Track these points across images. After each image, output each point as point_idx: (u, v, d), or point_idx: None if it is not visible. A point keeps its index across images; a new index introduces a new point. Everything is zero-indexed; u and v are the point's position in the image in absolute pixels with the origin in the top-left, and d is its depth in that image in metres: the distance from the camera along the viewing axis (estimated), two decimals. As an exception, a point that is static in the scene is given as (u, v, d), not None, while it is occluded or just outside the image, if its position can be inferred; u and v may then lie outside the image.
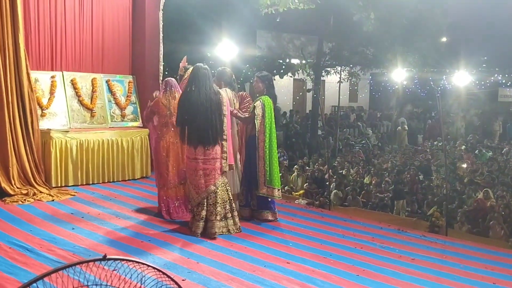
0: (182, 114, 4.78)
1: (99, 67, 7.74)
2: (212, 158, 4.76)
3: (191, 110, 4.72)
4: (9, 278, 3.37)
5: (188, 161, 4.86)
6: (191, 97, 4.74)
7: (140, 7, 8.10)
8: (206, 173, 4.75)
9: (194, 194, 4.79)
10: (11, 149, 5.95)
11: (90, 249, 4.15)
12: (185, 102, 4.78)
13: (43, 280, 1.63)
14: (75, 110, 7.20)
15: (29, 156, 6.14)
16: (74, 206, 5.65)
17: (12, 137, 6.00)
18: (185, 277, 3.58)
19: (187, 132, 4.78)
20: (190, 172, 4.84)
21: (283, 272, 3.86)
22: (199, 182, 4.75)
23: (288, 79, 20.30)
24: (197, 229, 4.72)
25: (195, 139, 4.74)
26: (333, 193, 9.83)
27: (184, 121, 4.78)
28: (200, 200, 4.77)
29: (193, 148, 4.75)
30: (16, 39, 6.05)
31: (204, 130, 4.71)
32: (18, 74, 6.09)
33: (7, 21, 5.95)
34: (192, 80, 4.83)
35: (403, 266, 4.25)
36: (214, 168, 4.78)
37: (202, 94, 4.75)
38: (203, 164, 4.74)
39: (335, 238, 5.03)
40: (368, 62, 16.93)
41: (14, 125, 6.01)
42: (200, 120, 4.70)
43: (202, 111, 4.71)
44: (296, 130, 18.94)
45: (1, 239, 4.25)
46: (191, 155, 4.78)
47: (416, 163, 12.53)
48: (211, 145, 4.75)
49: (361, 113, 23.09)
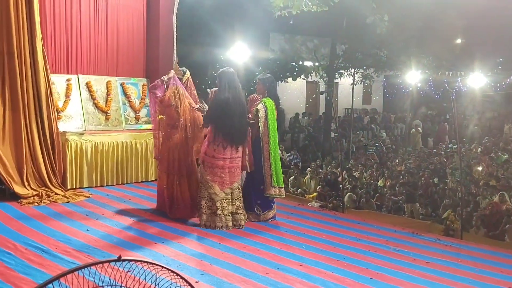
0: (216, 114, 5.00)
1: (114, 70, 7.81)
2: (237, 157, 5.13)
3: (228, 110, 4.96)
4: (25, 278, 3.42)
5: (213, 160, 5.03)
6: (227, 98, 4.97)
7: (154, 10, 8.16)
8: (231, 171, 5.09)
9: (217, 189, 5.02)
10: (26, 151, 6.02)
11: (104, 250, 4.18)
12: (221, 101, 4.97)
13: (58, 280, 1.65)
14: (90, 113, 7.28)
15: (45, 158, 6.21)
16: (89, 208, 5.71)
17: (28, 140, 6.07)
18: (198, 279, 3.59)
19: (221, 132, 4.99)
20: (214, 169, 5.02)
21: (296, 275, 3.85)
22: (224, 179, 5.04)
23: (301, 82, 20.26)
24: (228, 223, 5.03)
25: (230, 139, 5.01)
26: (347, 195, 9.79)
27: (217, 121, 4.98)
28: (223, 196, 5.03)
29: (222, 147, 5.01)
30: (33, 43, 6.13)
31: (238, 131, 5.04)
32: (35, 77, 6.17)
33: (24, 25, 6.03)
34: (224, 83, 5.04)
35: (418, 269, 4.22)
36: (238, 166, 5.15)
37: (236, 96, 5.03)
38: (230, 163, 5.07)
39: (349, 241, 5.01)
40: (382, 64, 16.83)
41: (30, 128, 6.09)
42: (235, 122, 4.99)
43: (237, 113, 5.00)
44: (309, 133, 18.91)
45: (17, 240, 4.31)
46: (219, 154, 5.02)
47: (431, 166, 12.41)
48: (241, 145, 5.11)
49: (375, 116, 22.95)
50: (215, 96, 5.18)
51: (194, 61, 13.12)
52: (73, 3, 7.22)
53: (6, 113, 5.96)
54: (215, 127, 5.04)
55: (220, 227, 5.01)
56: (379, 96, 25.64)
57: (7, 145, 5.91)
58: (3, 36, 5.95)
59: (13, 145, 5.95)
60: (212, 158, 5.03)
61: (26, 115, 6.07)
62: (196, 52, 13.94)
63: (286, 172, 12.70)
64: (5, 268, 3.60)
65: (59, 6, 7.07)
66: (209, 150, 5.06)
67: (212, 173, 5.04)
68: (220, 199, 5.03)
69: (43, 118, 6.24)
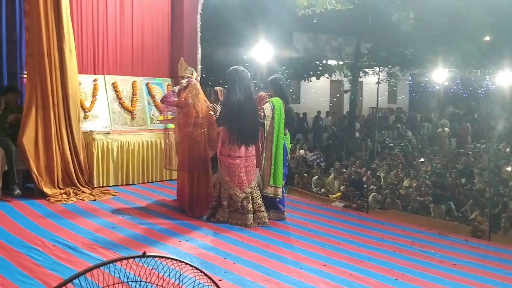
0: (228, 114, 5.03)
1: (139, 70, 7.92)
2: (251, 156, 5.17)
3: (240, 110, 4.99)
4: (52, 274, 3.49)
5: (229, 159, 5.07)
6: (239, 98, 5.00)
7: (178, 11, 8.23)
8: (247, 170, 5.12)
9: (238, 190, 5.07)
10: (56, 150, 6.15)
11: (130, 247, 4.25)
12: (234, 102, 5.00)
13: (84, 276, 1.68)
14: (116, 113, 7.39)
15: (73, 157, 6.33)
16: (115, 206, 5.80)
17: (57, 139, 6.20)
18: (222, 277, 3.60)
19: (235, 132, 5.03)
20: (232, 169, 5.07)
21: (320, 274, 3.83)
22: (242, 178, 5.08)
23: (325, 81, 20.16)
24: (247, 221, 5.07)
25: (243, 138, 5.05)
26: (371, 196, 9.68)
27: (231, 121, 5.02)
28: (245, 195, 5.08)
29: (238, 147, 5.05)
30: (60, 44, 6.26)
31: (250, 130, 5.07)
32: (63, 78, 6.30)
33: (53, 27, 6.16)
34: (234, 82, 5.06)
35: (444, 271, 4.14)
36: (254, 164, 5.19)
37: (247, 96, 5.06)
38: (245, 162, 5.10)
39: (373, 241, 4.95)
40: (408, 62, 16.59)
41: (59, 127, 6.22)
42: (248, 122, 5.02)
43: (248, 112, 5.03)
44: (332, 132, 18.78)
45: (45, 237, 4.41)
46: (234, 153, 5.06)
47: (459, 166, 12.18)
48: (254, 143, 5.15)
49: (400, 115, 22.64)
50: (226, 96, 5.23)
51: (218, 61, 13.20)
52: (100, 5, 7.35)
53: (37, 113, 6.10)
54: (228, 128, 5.07)
55: (239, 225, 5.07)
56: (405, 95, 25.29)
57: (38, 145, 6.05)
58: (34, 37, 6.09)
59: (44, 144, 6.08)
60: (228, 158, 5.07)
61: (56, 115, 6.20)
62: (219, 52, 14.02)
63: (309, 172, 12.65)
64: (34, 264, 3.69)
65: (86, 8, 7.21)
66: (225, 150, 5.11)
67: (230, 174, 5.08)
68: (241, 199, 5.08)
69: (71, 118, 6.37)
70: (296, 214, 6.01)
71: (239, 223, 5.09)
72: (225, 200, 5.15)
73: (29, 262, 3.74)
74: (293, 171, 13.02)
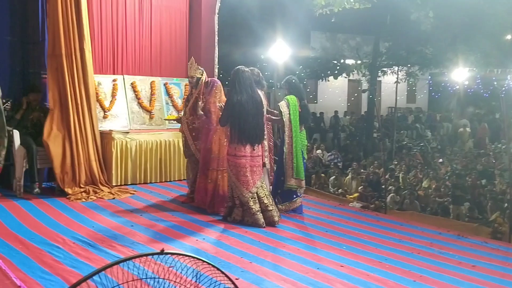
0: (230, 114, 5.10)
1: (157, 70, 7.99)
2: (257, 156, 5.19)
3: (241, 111, 5.04)
4: (72, 271, 3.56)
5: (234, 158, 5.11)
6: (240, 98, 5.06)
7: (196, 11, 8.28)
8: (252, 170, 5.13)
9: (244, 190, 5.08)
10: (79, 150, 6.23)
11: (148, 245, 4.29)
12: (234, 102, 5.07)
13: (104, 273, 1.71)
14: (135, 112, 7.47)
15: (95, 156, 6.42)
16: (134, 204, 5.87)
17: (82, 139, 6.28)
18: (239, 276, 3.62)
19: (236, 131, 5.08)
20: (238, 169, 5.09)
21: (337, 275, 3.82)
22: (248, 178, 5.08)
23: (342, 80, 20.06)
24: (258, 221, 5.09)
25: (245, 138, 5.07)
26: (389, 196, 9.60)
27: (232, 120, 5.09)
28: (251, 195, 5.08)
29: (243, 146, 5.07)
30: (81, 44, 6.35)
31: (253, 130, 5.09)
32: (83, 78, 6.38)
33: (74, 28, 6.25)
34: (235, 82, 5.15)
35: (463, 273, 4.09)
36: (260, 164, 5.21)
37: (249, 96, 5.11)
38: (250, 161, 5.11)
39: (391, 242, 4.91)
40: (427, 61, 16.38)
41: (84, 127, 6.30)
42: (249, 120, 5.06)
43: (250, 112, 5.07)
44: (350, 132, 18.67)
45: (65, 234, 4.49)
46: (239, 152, 5.09)
47: (479, 167, 11.99)
48: (258, 144, 5.16)
49: (420, 115, 22.37)
50: (228, 96, 5.30)
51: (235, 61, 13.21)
52: (119, 6, 7.44)
53: (61, 113, 6.19)
54: (231, 127, 5.16)
55: (251, 224, 5.10)
56: (424, 95, 24.98)
57: (62, 144, 6.13)
58: (54, 38, 6.19)
59: (68, 144, 6.16)
60: (234, 157, 5.11)
61: (79, 115, 6.27)
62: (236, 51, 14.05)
63: (326, 172, 12.59)
64: (54, 261, 3.76)
65: (105, 9, 7.30)
66: (230, 149, 5.17)
67: (237, 174, 5.09)
68: (247, 199, 5.09)
69: (92, 117, 6.46)
70: (313, 214, 6.00)
71: (250, 223, 5.12)
72: (237, 199, 5.19)
73: (49, 259, 3.81)
74: (310, 171, 12.98)
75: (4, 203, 5.58)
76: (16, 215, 5.14)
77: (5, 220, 4.90)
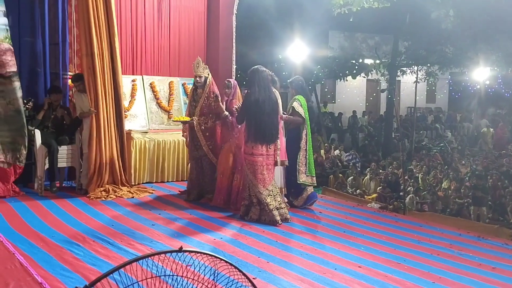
0: (246, 113, 5.21)
1: (176, 70, 8.05)
2: (271, 154, 5.26)
3: (258, 110, 5.12)
4: (92, 269, 3.61)
5: (251, 157, 5.19)
6: (258, 98, 5.15)
7: (214, 12, 8.32)
8: (268, 168, 5.23)
9: (261, 187, 5.16)
10: (106, 150, 6.28)
11: (166, 244, 4.33)
12: (252, 102, 5.15)
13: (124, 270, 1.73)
14: (154, 112, 7.54)
15: (119, 156, 6.47)
16: (152, 203, 5.93)
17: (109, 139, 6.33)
18: (256, 276, 3.62)
19: (253, 130, 5.16)
20: (255, 167, 5.18)
21: (355, 276, 3.79)
22: (265, 176, 5.18)
23: (361, 80, 19.92)
24: (275, 217, 5.16)
25: (261, 137, 5.15)
26: (409, 197, 9.50)
27: (249, 120, 5.18)
28: (268, 192, 5.17)
29: (260, 145, 5.15)
30: (112, 42, 6.38)
31: (268, 129, 5.17)
32: (113, 77, 6.43)
33: (103, 26, 6.28)
34: (255, 82, 5.22)
35: (483, 275, 4.03)
36: (273, 163, 5.31)
37: (266, 96, 5.19)
38: (266, 160, 5.20)
39: (410, 243, 4.86)
40: (447, 61, 16.16)
41: (109, 127, 6.36)
42: (265, 120, 5.14)
43: (266, 112, 5.14)
44: (369, 132, 18.52)
45: (86, 232, 4.56)
46: (256, 151, 5.18)
47: (502, 168, 11.76)
48: (272, 143, 5.24)
49: (440, 115, 22.07)
50: (246, 95, 5.37)
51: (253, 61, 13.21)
52: (138, 7, 7.52)
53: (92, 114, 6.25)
54: (248, 126, 5.23)
55: (268, 222, 5.16)
56: (444, 94, 24.64)
57: (92, 144, 6.21)
58: (86, 37, 6.21)
59: (97, 144, 6.23)
60: (251, 156, 5.19)
61: (105, 115, 6.32)
62: (254, 51, 14.05)
63: (345, 172, 12.52)
64: (74, 259, 3.82)
65: (125, 10, 7.39)
66: (247, 148, 5.24)
67: (254, 172, 5.18)
68: (264, 196, 5.17)
69: (121, 117, 6.52)
70: (331, 214, 5.98)
71: (267, 221, 5.18)
72: (255, 198, 5.25)
73: (70, 256, 3.88)
74: (328, 171, 12.92)
75: (25, 202, 5.69)
76: (37, 213, 5.24)
77: (26, 218, 5.00)
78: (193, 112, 6.01)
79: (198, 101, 5.96)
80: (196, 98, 6.02)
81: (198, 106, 5.95)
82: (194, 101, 6.06)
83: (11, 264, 3.57)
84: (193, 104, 6.05)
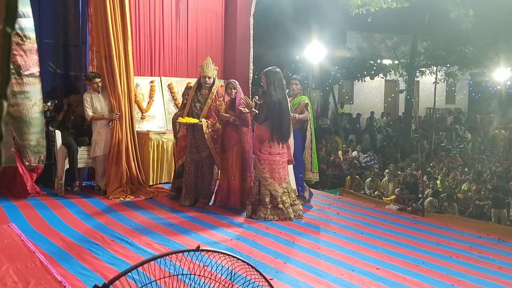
0: (270, 113, 5.27)
1: (193, 72, 8.08)
2: (284, 152, 5.39)
3: (280, 109, 5.25)
4: (110, 268, 3.65)
5: (270, 156, 5.28)
6: (280, 97, 5.27)
7: (231, 13, 8.34)
8: (283, 166, 5.36)
9: (277, 186, 5.27)
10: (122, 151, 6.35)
11: (183, 244, 4.36)
12: (275, 101, 5.25)
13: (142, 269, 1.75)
14: (172, 113, 7.56)
15: (134, 156, 6.54)
16: (169, 203, 5.96)
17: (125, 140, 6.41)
18: (273, 277, 3.62)
19: (274, 129, 5.26)
20: (273, 166, 5.28)
21: (372, 277, 3.77)
22: (281, 174, 5.31)
23: (379, 81, 19.75)
24: (290, 215, 5.30)
25: (280, 136, 5.28)
26: (428, 199, 9.39)
27: (271, 119, 5.26)
28: (282, 191, 5.29)
29: (277, 144, 5.30)
30: (125, 46, 6.46)
31: (286, 128, 5.32)
32: (126, 79, 6.51)
33: (118, 29, 6.35)
34: (274, 82, 5.32)
35: (504, 278, 3.96)
36: (286, 160, 5.44)
37: (284, 95, 5.36)
38: (281, 158, 5.34)
39: (429, 245, 4.81)
40: (467, 61, 15.93)
41: (125, 128, 6.43)
42: (285, 119, 5.30)
43: (285, 111, 5.30)
44: (387, 133, 18.35)
45: (104, 232, 4.61)
46: (274, 150, 5.30)
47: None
48: (286, 141, 5.39)
49: (459, 116, 21.75)
50: (267, 96, 5.42)
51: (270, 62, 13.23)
52: (156, 9, 7.57)
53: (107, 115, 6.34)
54: (271, 126, 5.28)
55: (284, 219, 5.26)
56: (463, 95, 24.28)
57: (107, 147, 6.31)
58: (104, 40, 6.28)
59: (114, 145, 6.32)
60: (269, 155, 5.30)
61: (127, 117, 6.41)
62: (271, 52, 14.04)
63: (362, 174, 12.43)
64: (94, 258, 3.87)
65: (143, 11, 7.45)
66: (265, 148, 5.31)
67: (271, 170, 5.28)
68: (280, 194, 5.27)
69: (133, 118, 6.59)
70: (349, 216, 5.94)
71: (282, 218, 5.27)
72: (267, 197, 5.29)
73: (89, 255, 3.93)
74: (346, 172, 12.85)
75: (46, 201, 5.78)
76: (57, 212, 5.32)
77: (47, 217, 5.08)
78: (196, 113, 5.72)
79: (203, 102, 5.74)
80: (201, 99, 5.78)
81: (205, 108, 5.72)
82: (198, 101, 5.76)
83: (32, 262, 3.63)
84: (197, 105, 5.76)
